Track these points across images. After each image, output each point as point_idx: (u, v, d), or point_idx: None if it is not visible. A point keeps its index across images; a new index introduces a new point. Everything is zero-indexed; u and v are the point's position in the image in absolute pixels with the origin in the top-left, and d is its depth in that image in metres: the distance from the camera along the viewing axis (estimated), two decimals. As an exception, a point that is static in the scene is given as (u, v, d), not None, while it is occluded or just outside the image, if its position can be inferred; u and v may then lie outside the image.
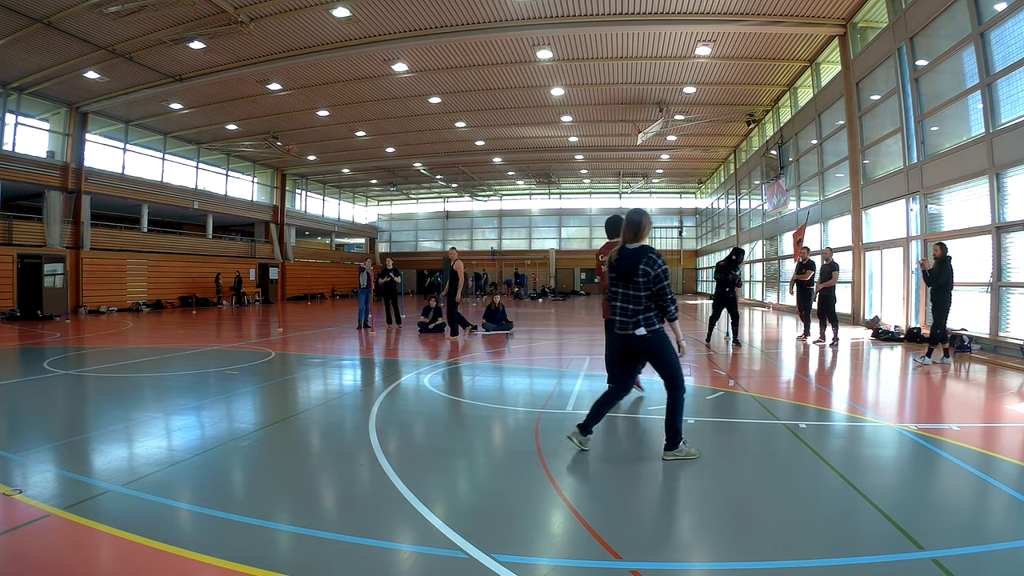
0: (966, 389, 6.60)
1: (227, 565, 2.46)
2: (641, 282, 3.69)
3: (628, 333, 3.79)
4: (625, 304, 3.79)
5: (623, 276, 3.77)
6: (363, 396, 6.28)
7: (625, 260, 3.74)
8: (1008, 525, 2.94)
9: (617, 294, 3.84)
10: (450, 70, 17.83)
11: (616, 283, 3.84)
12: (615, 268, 3.81)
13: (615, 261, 3.82)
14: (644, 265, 3.67)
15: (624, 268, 3.74)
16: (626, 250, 3.79)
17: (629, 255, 3.75)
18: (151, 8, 13.04)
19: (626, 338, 3.82)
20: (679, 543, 2.81)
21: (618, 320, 3.85)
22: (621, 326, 3.83)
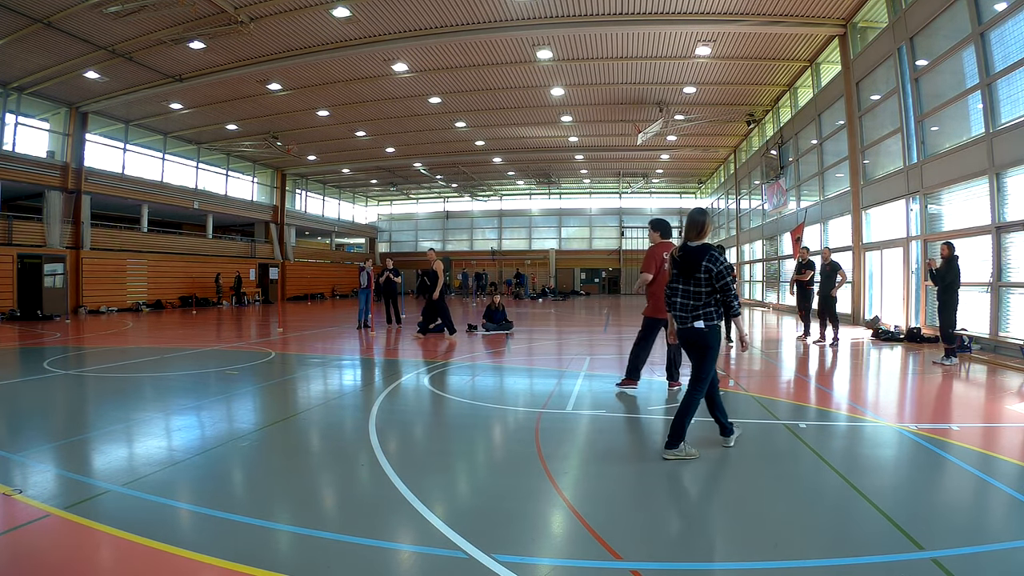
0: (966, 389, 6.59)
1: (227, 565, 2.46)
2: (703, 278, 3.87)
3: (687, 326, 3.96)
4: (685, 300, 3.96)
5: (685, 272, 3.94)
6: (363, 396, 6.28)
7: (688, 257, 3.92)
8: (1008, 525, 2.94)
9: (677, 290, 4.01)
10: (450, 70, 17.83)
11: (676, 279, 4.02)
12: (678, 265, 3.98)
13: (678, 258, 3.99)
14: (707, 262, 3.85)
15: (687, 265, 3.91)
16: (689, 247, 3.97)
17: (692, 252, 3.92)
18: (151, 8, 13.04)
19: (684, 331, 3.99)
20: (679, 543, 2.80)
21: (678, 315, 4.01)
22: (680, 320, 4.00)
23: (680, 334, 4.06)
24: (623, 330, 13.91)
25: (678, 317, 4.02)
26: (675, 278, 4.05)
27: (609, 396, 6.23)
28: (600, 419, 5.10)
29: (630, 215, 41.17)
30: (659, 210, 41.21)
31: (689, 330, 3.96)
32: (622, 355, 9.57)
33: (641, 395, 6.31)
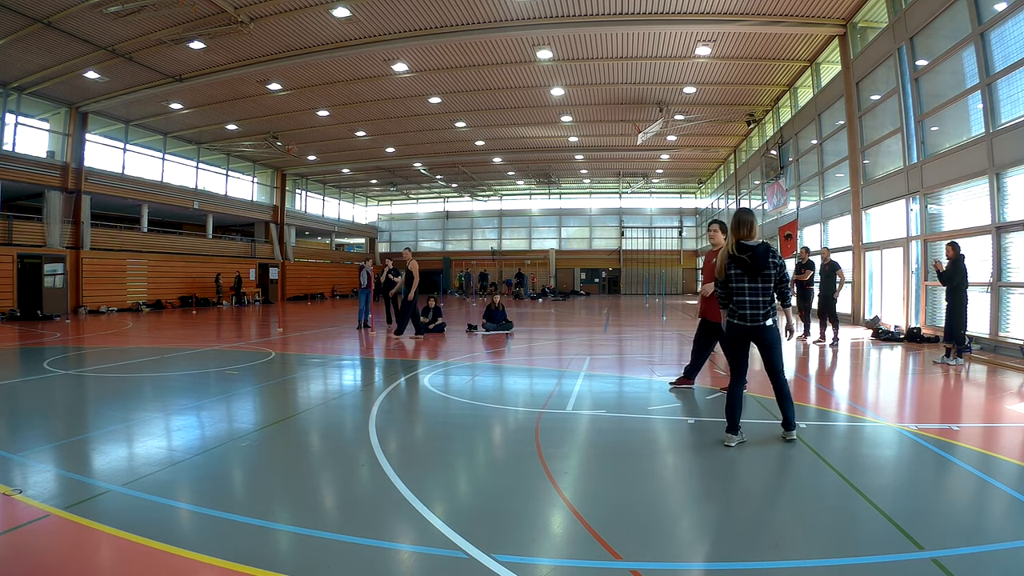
0: (966, 389, 6.59)
1: (227, 565, 2.46)
2: (772, 275, 4.02)
3: (759, 324, 4.05)
4: (755, 298, 4.05)
5: (754, 271, 4.03)
6: (363, 396, 6.28)
7: (757, 256, 4.02)
8: (1008, 525, 2.94)
9: (744, 289, 4.07)
10: (450, 70, 17.83)
11: (742, 279, 4.07)
12: (746, 264, 4.03)
13: (747, 258, 4.03)
14: (772, 259, 4.02)
15: (756, 264, 4.01)
16: (752, 247, 4.05)
17: (759, 251, 4.03)
18: (151, 8, 13.04)
19: (755, 328, 4.06)
20: (679, 543, 2.80)
21: (749, 313, 4.06)
22: (752, 318, 4.05)
23: (751, 332, 4.08)
24: (623, 330, 13.92)
25: (748, 316, 4.04)
26: (738, 278, 4.07)
27: (609, 396, 6.24)
28: (600, 419, 5.10)
29: (630, 215, 41.18)
30: (659, 210, 41.26)
31: (761, 328, 4.05)
32: (622, 355, 9.58)
33: (641, 395, 6.32)
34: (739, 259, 4.04)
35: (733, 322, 4.13)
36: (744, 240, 4.06)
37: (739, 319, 4.08)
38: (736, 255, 4.06)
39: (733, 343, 4.20)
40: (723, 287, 4.17)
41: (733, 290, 4.10)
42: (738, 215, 4.13)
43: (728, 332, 4.23)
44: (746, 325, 4.07)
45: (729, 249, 4.12)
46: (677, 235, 40.98)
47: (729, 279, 4.09)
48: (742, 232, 4.07)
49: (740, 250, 4.05)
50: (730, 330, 4.18)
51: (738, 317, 4.08)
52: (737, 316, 4.09)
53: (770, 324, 4.07)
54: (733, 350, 4.24)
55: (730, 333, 4.19)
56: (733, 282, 4.08)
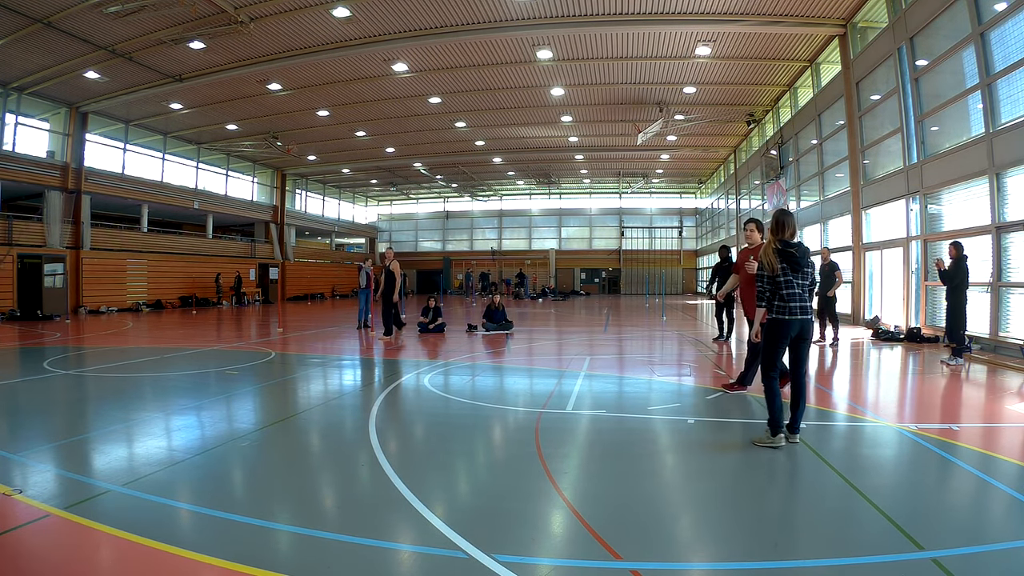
0: (966, 389, 6.59)
1: (227, 565, 2.46)
2: (809, 272, 4.24)
3: (808, 317, 4.22)
4: (803, 292, 4.22)
5: (799, 268, 4.19)
6: (363, 396, 6.28)
7: (804, 254, 4.21)
8: (1008, 525, 2.94)
9: (794, 283, 4.20)
10: (450, 70, 17.84)
11: (790, 274, 4.19)
12: (795, 261, 4.17)
13: (798, 255, 4.19)
14: (811, 257, 4.24)
15: (805, 261, 4.20)
16: (796, 245, 4.23)
17: (804, 249, 4.22)
18: (151, 8, 13.04)
19: (805, 322, 4.21)
20: (679, 543, 2.80)
21: (799, 306, 4.20)
22: (802, 311, 4.20)
23: (803, 327, 4.21)
24: (623, 330, 13.92)
25: (800, 309, 4.18)
26: (786, 273, 4.19)
27: (609, 396, 6.24)
28: (600, 419, 5.10)
29: (630, 215, 41.19)
30: (659, 210, 41.26)
31: (809, 322, 4.23)
32: (622, 355, 9.58)
33: (641, 395, 6.31)
34: (788, 254, 4.17)
35: (782, 318, 4.18)
36: (789, 239, 4.25)
37: (789, 313, 4.17)
38: (785, 251, 4.19)
39: (778, 339, 4.22)
40: (770, 283, 4.22)
41: (782, 284, 4.18)
42: (781, 217, 4.27)
43: (773, 328, 4.23)
44: (797, 319, 4.17)
45: (776, 246, 4.23)
46: (677, 235, 40.99)
47: (779, 274, 4.19)
48: (787, 232, 4.25)
49: (791, 247, 4.21)
50: (776, 326, 4.21)
51: (788, 312, 4.17)
52: (788, 311, 4.17)
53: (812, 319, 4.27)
54: (776, 346, 4.24)
55: (776, 329, 4.21)
56: (784, 276, 4.18)
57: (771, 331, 4.26)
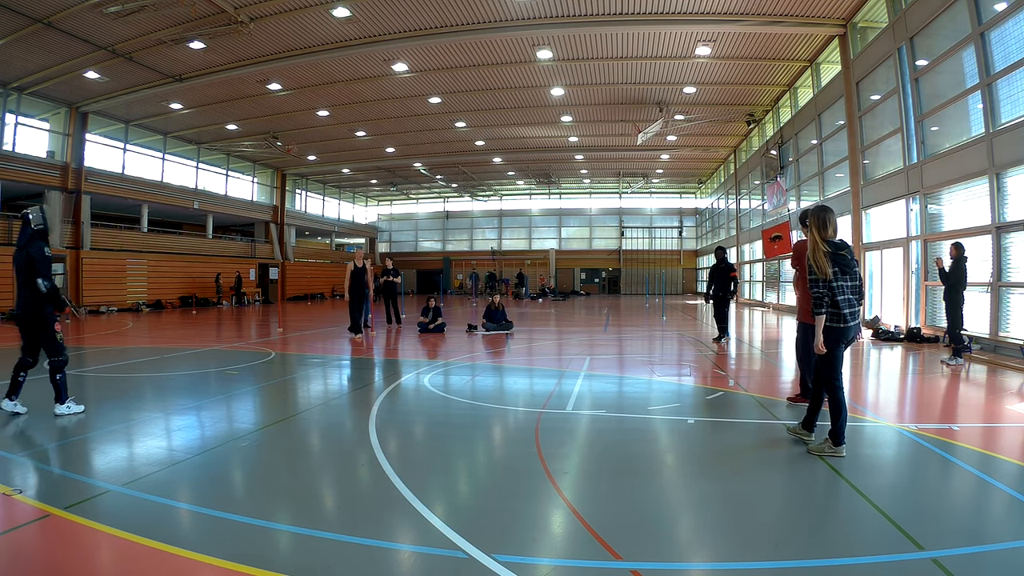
0: (966, 389, 6.59)
1: (227, 565, 2.46)
2: (858, 272, 3.92)
3: (859, 321, 3.88)
4: (852, 296, 3.89)
5: (849, 269, 3.83)
6: (363, 396, 6.28)
7: (851, 254, 3.84)
8: (1008, 525, 2.94)
9: (846, 288, 3.87)
10: (450, 70, 17.84)
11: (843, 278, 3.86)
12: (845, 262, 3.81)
13: (849, 255, 3.85)
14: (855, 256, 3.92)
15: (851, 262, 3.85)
16: (844, 244, 3.88)
17: (850, 249, 3.87)
18: (151, 8, 13.05)
19: (856, 327, 3.88)
20: (679, 543, 2.80)
21: (848, 312, 3.86)
22: (853, 316, 3.88)
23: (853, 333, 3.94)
24: (623, 330, 13.92)
25: (848, 315, 3.86)
26: (838, 277, 3.84)
27: (609, 396, 6.24)
28: (600, 419, 5.10)
29: (630, 215, 41.19)
30: (659, 210, 41.24)
31: (858, 325, 3.93)
32: (622, 355, 9.58)
33: (641, 395, 6.31)
34: (839, 256, 3.81)
35: (837, 325, 3.85)
36: (831, 239, 3.89)
37: (842, 321, 3.84)
38: (836, 253, 3.83)
39: (835, 345, 3.91)
40: (826, 287, 3.83)
41: (836, 290, 3.82)
42: (824, 216, 3.89)
43: (830, 335, 3.88)
44: (849, 325, 3.87)
45: (826, 248, 3.85)
46: (677, 235, 40.98)
47: (832, 279, 3.82)
48: (829, 231, 3.89)
49: (842, 247, 3.87)
50: (833, 334, 3.87)
51: (841, 319, 3.84)
52: (840, 318, 3.84)
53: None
54: (836, 351, 3.94)
55: (833, 336, 3.88)
56: (835, 280, 3.81)
57: (830, 340, 3.90)
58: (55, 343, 5.11)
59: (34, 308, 5.00)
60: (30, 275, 4.95)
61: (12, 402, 5.10)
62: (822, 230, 3.88)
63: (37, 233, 5.08)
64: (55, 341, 5.11)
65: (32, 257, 4.95)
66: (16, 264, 5.05)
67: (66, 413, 5.03)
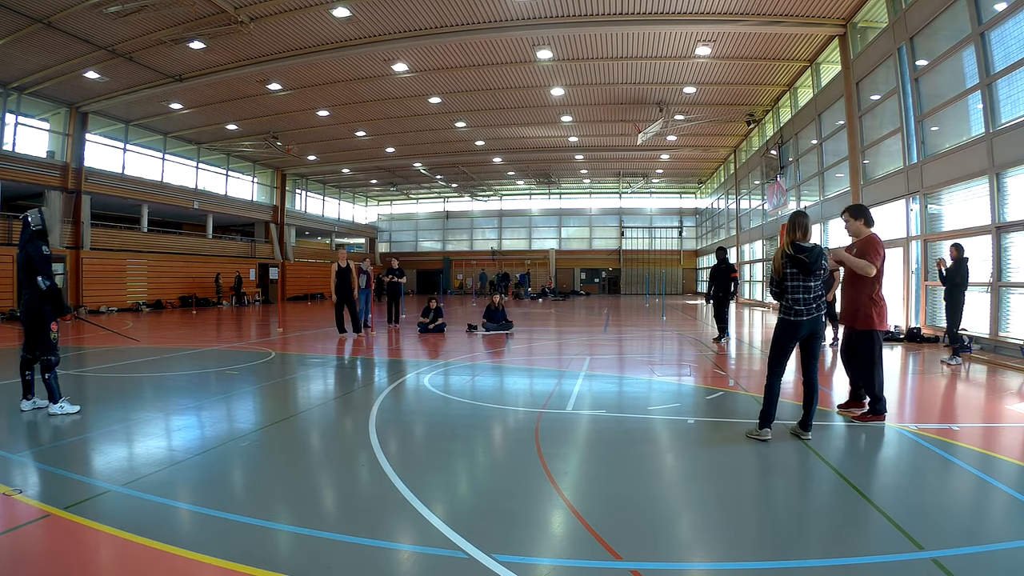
0: (966, 389, 6.59)
1: (227, 565, 2.46)
2: (823, 273, 4.30)
3: (816, 316, 4.29)
4: (809, 295, 4.26)
5: (810, 272, 4.24)
6: (363, 396, 6.28)
7: (816, 257, 4.24)
8: (1008, 525, 2.94)
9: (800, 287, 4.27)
10: (450, 70, 17.83)
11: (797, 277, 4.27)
12: (807, 266, 4.23)
13: (808, 260, 4.22)
14: (824, 261, 4.27)
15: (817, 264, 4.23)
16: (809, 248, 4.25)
17: (816, 253, 4.24)
18: (151, 8, 13.05)
19: (813, 320, 4.29)
20: (679, 543, 2.80)
21: (805, 308, 4.27)
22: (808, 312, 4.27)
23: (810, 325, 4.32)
24: (623, 330, 13.92)
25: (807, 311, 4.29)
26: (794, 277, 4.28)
27: (609, 396, 6.24)
28: (600, 419, 5.10)
29: (630, 215, 41.19)
30: (659, 210, 41.23)
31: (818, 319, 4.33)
32: (622, 355, 9.58)
33: (641, 395, 6.32)
34: (796, 259, 4.22)
35: (787, 318, 4.30)
36: (800, 242, 4.25)
37: (792, 315, 4.28)
38: (794, 256, 4.23)
39: (786, 339, 4.34)
40: (779, 285, 4.35)
41: (788, 288, 4.28)
42: (796, 219, 4.31)
43: (782, 328, 4.35)
44: (802, 320, 4.25)
45: (786, 249, 4.28)
46: (677, 235, 40.98)
47: (785, 278, 4.29)
48: (797, 234, 4.27)
49: (797, 251, 4.23)
50: (785, 327, 4.33)
51: (792, 313, 4.28)
52: (791, 312, 4.28)
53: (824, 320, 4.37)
54: (784, 346, 4.36)
55: (784, 329, 4.33)
56: (789, 280, 4.27)
57: (780, 331, 4.37)
58: (49, 342, 5.24)
59: (35, 306, 5.17)
60: (30, 274, 5.13)
61: (30, 401, 5.29)
62: (791, 232, 4.29)
63: (36, 234, 5.23)
64: (49, 340, 5.24)
65: (31, 257, 5.14)
66: (18, 264, 5.26)
67: (59, 413, 5.08)
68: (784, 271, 4.28)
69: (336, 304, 12.30)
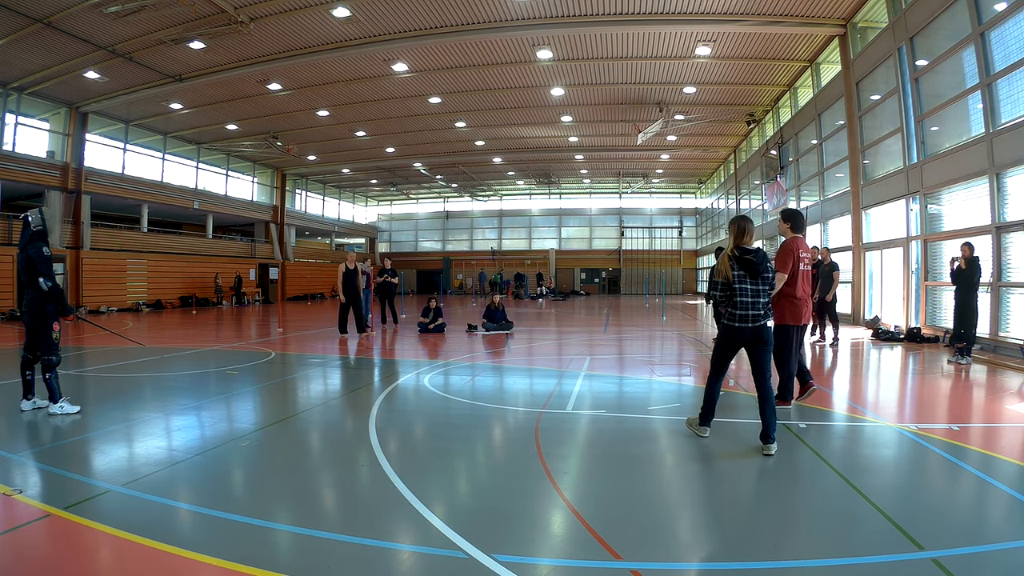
0: (966, 389, 6.59)
1: (227, 565, 2.46)
2: (770, 278, 4.24)
3: (761, 324, 4.21)
4: (756, 299, 4.20)
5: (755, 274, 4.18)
6: (363, 396, 6.28)
7: (763, 259, 4.25)
8: (1008, 525, 2.94)
9: (747, 291, 4.19)
10: (450, 70, 17.84)
11: (744, 280, 4.21)
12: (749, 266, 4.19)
13: (755, 261, 4.19)
14: (769, 263, 4.27)
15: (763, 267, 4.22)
16: (751, 251, 4.25)
17: (760, 256, 4.25)
18: (151, 8, 13.05)
19: (758, 328, 4.19)
20: (679, 543, 2.80)
21: (751, 314, 4.18)
22: (754, 319, 4.18)
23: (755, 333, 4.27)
24: (623, 330, 13.92)
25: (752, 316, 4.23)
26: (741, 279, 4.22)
27: (609, 396, 6.24)
28: (600, 419, 5.10)
29: (630, 215, 41.18)
30: (659, 210, 41.22)
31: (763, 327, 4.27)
32: (622, 355, 9.58)
33: (641, 395, 6.32)
34: (743, 260, 4.19)
35: (733, 324, 4.21)
36: (744, 245, 4.25)
37: (740, 320, 4.17)
38: (740, 257, 4.20)
39: (728, 346, 4.32)
40: (725, 289, 4.23)
41: (737, 291, 4.19)
42: (741, 223, 4.31)
43: (725, 334, 4.30)
44: (748, 327, 4.17)
45: (731, 252, 4.24)
46: (677, 235, 40.97)
47: (734, 280, 4.19)
48: (744, 239, 4.27)
49: (743, 253, 4.21)
50: (728, 332, 4.26)
51: (739, 319, 4.17)
52: (738, 318, 4.17)
53: (770, 325, 4.27)
54: (725, 352, 4.35)
55: (727, 335, 4.26)
56: (737, 283, 4.18)
57: (722, 337, 4.35)
58: (50, 342, 5.25)
59: (37, 307, 5.20)
60: (32, 275, 5.16)
61: (31, 401, 5.31)
62: (737, 237, 4.28)
63: (36, 234, 5.23)
64: (51, 340, 5.25)
65: (31, 258, 5.15)
66: (19, 265, 5.29)
67: (59, 413, 5.09)
68: (733, 274, 4.19)
69: (342, 305, 12.28)
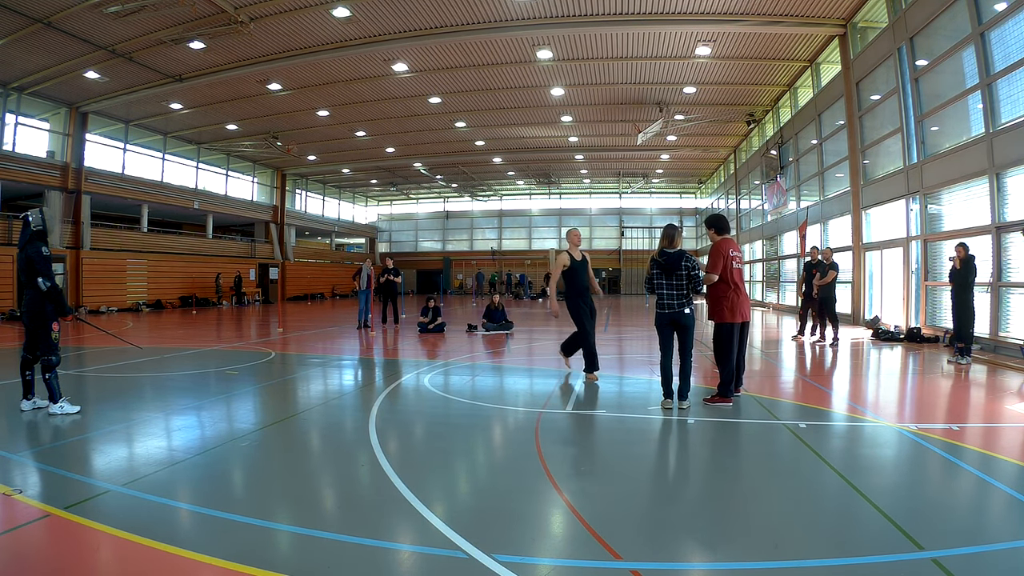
0: (966, 389, 6.59)
1: (227, 565, 2.46)
2: (684, 274, 5.29)
3: (677, 311, 5.31)
4: (671, 291, 5.34)
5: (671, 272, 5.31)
6: (363, 396, 6.28)
7: (671, 261, 5.30)
8: (1008, 525, 2.94)
9: (664, 284, 5.36)
10: (450, 70, 17.83)
11: (662, 277, 5.37)
12: (667, 268, 5.31)
13: (664, 263, 5.30)
14: (684, 263, 5.28)
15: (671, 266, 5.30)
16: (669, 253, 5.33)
17: (674, 257, 5.31)
18: (151, 8, 13.04)
19: (676, 315, 5.31)
20: (679, 543, 2.80)
21: (667, 303, 5.35)
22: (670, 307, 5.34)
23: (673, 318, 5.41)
24: (623, 330, 13.91)
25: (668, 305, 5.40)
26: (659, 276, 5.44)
27: (609, 396, 6.24)
28: (600, 419, 5.10)
29: (630, 215, 41.17)
30: (659, 210, 41.22)
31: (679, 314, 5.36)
32: (622, 355, 9.58)
33: (641, 395, 6.31)
34: (659, 263, 5.33)
35: (659, 311, 5.38)
36: (667, 248, 5.34)
37: (660, 308, 5.37)
38: (658, 260, 5.33)
39: (659, 328, 5.43)
40: (649, 283, 5.48)
41: (655, 285, 5.40)
42: (668, 231, 5.48)
43: (656, 318, 5.42)
44: (666, 312, 5.34)
45: (654, 255, 5.38)
46: (677, 235, 40.89)
47: (653, 276, 5.41)
48: (670, 243, 5.37)
49: (661, 256, 5.32)
50: (657, 317, 5.42)
51: (663, 307, 5.35)
52: (664, 306, 5.33)
53: (687, 312, 5.29)
54: (660, 334, 5.45)
55: (657, 319, 5.41)
56: (655, 279, 5.39)
57: (656, 321, 5.45)
58: (50, 342, 5.25)
59: (36, 307, 5.19)
60: (31, 275, 5.15)
61: (30, 401, 5.31)
62: (662, 241, 5.44)
63: (36, 234, 5.23)
64: (51, 340, 5.25)
65: (31, 258, 5.15)
66: (18, 266, 5.27)
67: (59, 413, 5.09)
68: (652, 272, 5.40)
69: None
